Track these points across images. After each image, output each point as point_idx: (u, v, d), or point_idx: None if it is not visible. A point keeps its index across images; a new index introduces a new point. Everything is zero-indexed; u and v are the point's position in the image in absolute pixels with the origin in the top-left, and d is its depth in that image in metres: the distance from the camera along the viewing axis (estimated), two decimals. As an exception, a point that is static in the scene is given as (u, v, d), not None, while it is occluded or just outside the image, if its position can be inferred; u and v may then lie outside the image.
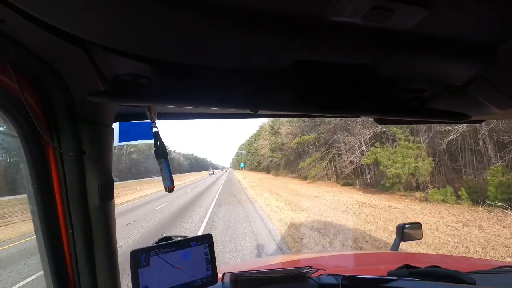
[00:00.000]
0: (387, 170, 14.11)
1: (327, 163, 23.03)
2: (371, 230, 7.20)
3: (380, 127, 17.20)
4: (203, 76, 0.64)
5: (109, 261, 0.81)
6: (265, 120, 43.18)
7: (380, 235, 6.70)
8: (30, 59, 0.55)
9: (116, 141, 0.85)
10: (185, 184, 38.24)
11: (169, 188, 0.78)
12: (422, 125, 14.38)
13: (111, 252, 0.82)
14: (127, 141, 0.88)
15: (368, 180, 18.75)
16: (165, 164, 0.78)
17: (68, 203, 0.72)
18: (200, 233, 7.16)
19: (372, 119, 1.01)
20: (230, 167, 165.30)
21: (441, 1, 0.41)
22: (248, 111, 0.70)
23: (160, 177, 0.78)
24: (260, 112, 0.72)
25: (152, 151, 0.80)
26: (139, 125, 0.90)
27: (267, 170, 48.74)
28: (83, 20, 0.42)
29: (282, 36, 0.49)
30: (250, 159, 75.86)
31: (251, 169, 73.77)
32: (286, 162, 35.40)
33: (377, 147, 16.08)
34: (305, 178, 25.04)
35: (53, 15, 0.41)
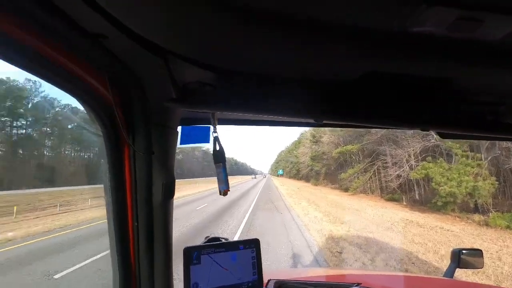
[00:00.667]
0: (440, 188, 12.93)
1: (370, 176, 21.84)
2: (418, 251, 6.62)
3: (433, 140, 15.88)
4: (266, 85, 0.67)
5: (166, 253, 0.87)
6: (307, 128, 42.49)
7: (430, 258, 6.12)
8: (120, 68, 0.63)
9: (178, 143, 0.91)
10: (224, 187, 39.08)
11: (224, 191, 0.82)
12: (484, 141, 12.93)
13: (168, 245, 0.88)
14: (187, 144, 0.94)
15: (417, 197, 17.33)
16: (222, 169, 0.81)
17: (136, 198, 0.79)
18: (237, 236, 7.27)
19: (433, 133, 0.94)
20: (269, 173, 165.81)
21: None
22: (311, 120, 0.71)
23: (202, 178, 0.81)
24: (325, 122, 0.72)
25: (197, 153, 0.85)
26: (198, 129, 0.96)
27: (306, 178, 47.70)
28: (167, 32, 0.48)
29: (357, 47, 0.49)
30: (289, 166, 74.87)
31: (290, 177, 72.74)
32: (327, 172, 34.31)
33: (428, 162, 14.85)
34: (346, 189, 23.97)
35: (145, 28, 0.48)
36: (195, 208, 13.53)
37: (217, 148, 0.81)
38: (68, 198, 20.52)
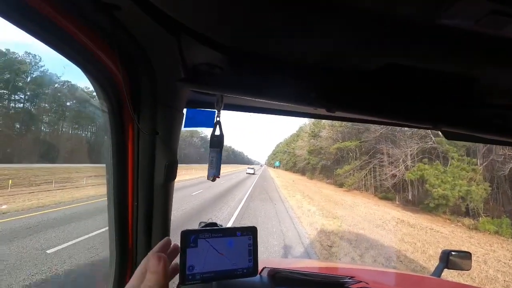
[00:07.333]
0: (434, 190, 13.10)
1: (366, 173, 22.00)
2: (407, 250, 6.75)
3: (430, 142, 15.96)
4: (279, 70, 0.65)
5: (164, 233, 0.87)
6: (306, 121, 42.58)
7: (418, 257, 6.24)
8: (130, 44, 0.61)
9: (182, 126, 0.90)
10: (221, 174, 39.35)
11: (214, 177, 0.81)
12: (481, 146, 13.00)
13: (166, 226, 0.88)
14: (191, 127, 0.93)
15: (410, 197, 17.55)
16: (218, 154, 0.80)
17: (137, 177, 0.79)
18: (230, 223, 7.34)
19: (431, 134, 0.92)
20: (265, 164, 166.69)
21: None
22: (323, 111, 0.69)
23: (198, 165, 0.79)
24: (337, 113, 0.70)
25: (194, 139, 0.83)
26: (203, 112, 0.95)
27: (302, 172, 47.98)
28: (183, 2, 0.46)
29: (380, 36, 0.47)
30: (285, 159, 75.12)
31: (286, 169, 73.08)
32: (323, 167, 34.50)
33: (424, 164, 14.96)
34: (341, 185, 24.17)
35: None
36: (189, 194, 13.60)
37: (217, 133, 0.80)
38: (64, 175, 20.49)
